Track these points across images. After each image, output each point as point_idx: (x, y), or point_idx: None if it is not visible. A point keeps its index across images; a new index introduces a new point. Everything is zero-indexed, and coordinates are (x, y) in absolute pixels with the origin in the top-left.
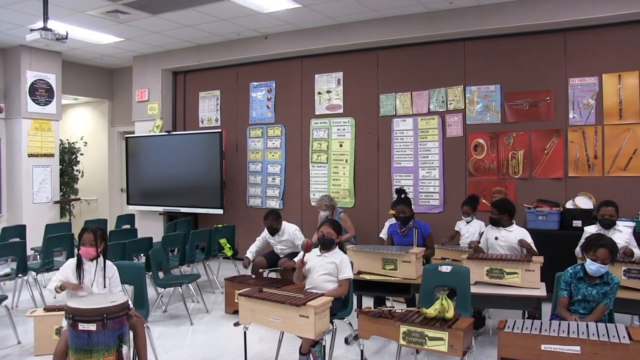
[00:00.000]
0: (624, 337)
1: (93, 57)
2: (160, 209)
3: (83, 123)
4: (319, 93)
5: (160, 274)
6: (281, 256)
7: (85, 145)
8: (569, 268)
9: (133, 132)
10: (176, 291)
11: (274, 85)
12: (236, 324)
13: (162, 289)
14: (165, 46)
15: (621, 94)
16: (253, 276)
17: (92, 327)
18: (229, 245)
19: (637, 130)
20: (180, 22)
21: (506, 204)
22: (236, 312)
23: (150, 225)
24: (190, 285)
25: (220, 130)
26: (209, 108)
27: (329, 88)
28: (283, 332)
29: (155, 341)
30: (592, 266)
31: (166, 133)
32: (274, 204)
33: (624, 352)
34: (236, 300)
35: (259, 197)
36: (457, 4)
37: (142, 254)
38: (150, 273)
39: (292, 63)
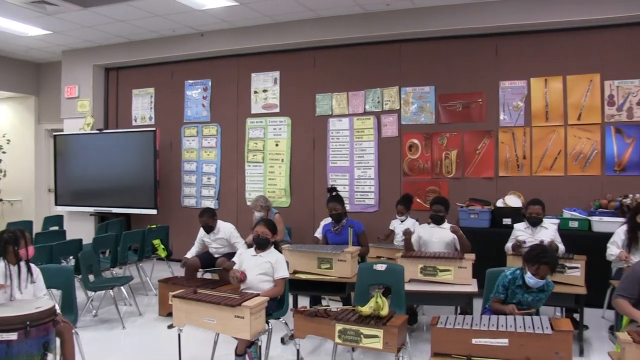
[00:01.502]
0: (547, 327)
1: (17, 50)
2: (91, 209)
3: (6, 119)
4: (255, 92)
5: (91, 277)
6: (216, 256)
7: (8, 143)
8: (507, 272)
9: (62, 130)
10: (107, 294)
11: (210, 83)
12: (170, 327)
13: (93, 293)
14: (96, 41)
15: (547, 97)
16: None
17: (13, 336)
18: (163, 246)
19: (561, 132)
20: (113, 16)
21: (448, 202)
22: (170, 314)
23: (80, 227)
24: (122, 287)
25: (154, 128)
26: (142, 106)
27: (265, 87)
28: (218, 334)
29: (85, 347)
30: (531, 280)
31: (98, 131)
32: (209, 203)
33: (547, 342)
34: (170, 302)
35: (193, 197)
36: (394, 6)
37: (71, 257)
38: (80, 276)
39: (229, 61)
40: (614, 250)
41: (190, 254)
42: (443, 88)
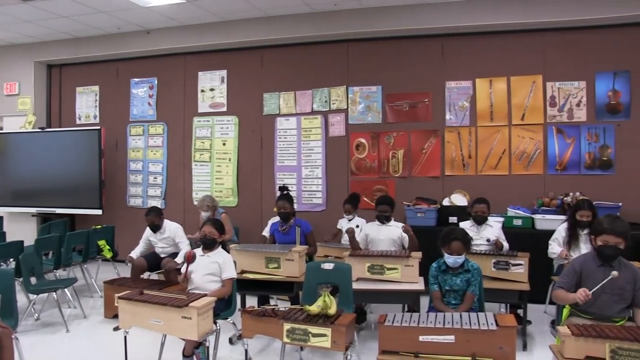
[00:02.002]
0: (492, 323)
1: None
2: (33, 210)
3: None
4: (203, 91)
5: (33, 280)
6: (162, 256)
7: None
8: (433, 263)
9: (1, 128)
10: (50, 297)
11: (156, 82)
12: (116, 329)
13: (35, 296)
14: (38, 37)
15: (492, 97)
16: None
17: None
18: (109, 247)
19: (505, 132)
20: (55, 11)
21: (393, 201)
22: (116, 316)
23: (22, 228)
24: (66, 290)
25: (99, 127)
26: (87, 104)
27: (212, 86)
28: (166, 335)
29: (26, 352)
30: (449, 259)
31: (40, 130)
32: (156, 203)
33: (492, 337)
34: (116, 304)
35: (140, 196)
36: (341, 6)
37: (11, 259)
38: (21, 279)
39: (175, 59)
40: (555, 247)
41: (135, 253)
42: (390, 88)
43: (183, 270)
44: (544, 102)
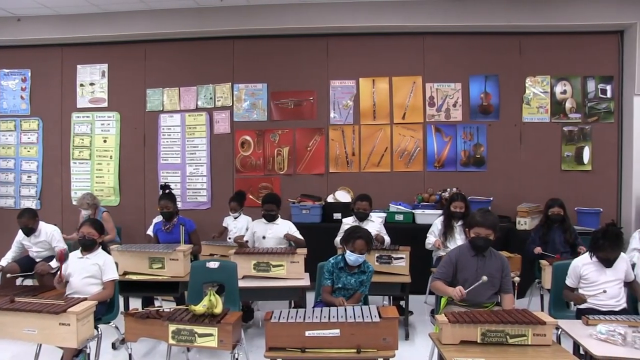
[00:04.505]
0: (375, 316)
1: None
2: None
3: None
4: (82, 85)
5: None
6: (37, 260)
7: None
8: (331, 258)
9: None
10: None
11: (30, 74)
12: None
13: None
14: None
15: (375, 97)
16: None
17: None
18: None
19: (387, 131)
20: None
21: (279, 199)
22: None
23: None
24: None
25: None
26: None
27: (92, 80)
28: (41, 345)
29: None
30: (351, 257)
31: None
32: (30, 203)
33: (375, 329)
34: None
35: (11, 197)
36: (228, 2)
37: None
38: None
39: (51, 51)
40: (431, 239)
41: (6, 260)
42: (275, 86)
43: (56, 264)
44: (423, 102)
